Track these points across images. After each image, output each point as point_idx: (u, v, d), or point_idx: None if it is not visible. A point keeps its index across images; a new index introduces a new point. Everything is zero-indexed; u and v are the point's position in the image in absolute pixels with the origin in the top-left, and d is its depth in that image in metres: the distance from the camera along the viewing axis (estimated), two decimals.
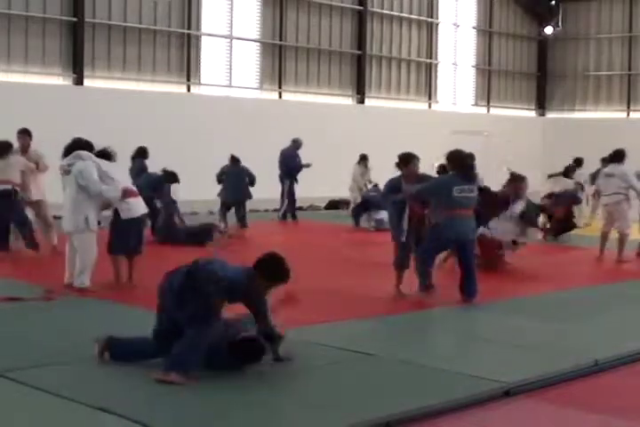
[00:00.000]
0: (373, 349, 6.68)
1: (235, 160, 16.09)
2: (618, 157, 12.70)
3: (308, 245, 14.56)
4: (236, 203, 15.68)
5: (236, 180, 15.84)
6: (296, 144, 18.64)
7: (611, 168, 12.79)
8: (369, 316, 7.94)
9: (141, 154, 16.22)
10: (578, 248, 14.30)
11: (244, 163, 23.62)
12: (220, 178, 16.07)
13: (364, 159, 19.89)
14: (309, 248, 14.07)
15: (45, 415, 5.07)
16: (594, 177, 17.80)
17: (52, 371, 5.90)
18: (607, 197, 12.79)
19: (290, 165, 18.36)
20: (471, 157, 9.29)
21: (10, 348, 6.54)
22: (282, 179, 18.45)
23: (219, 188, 16.45)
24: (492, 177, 29.68)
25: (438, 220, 8.91)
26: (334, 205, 22.25)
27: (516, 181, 11.94)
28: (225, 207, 15.88)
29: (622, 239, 12.70)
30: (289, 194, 18.39)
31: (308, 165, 18.40)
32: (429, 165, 28.75)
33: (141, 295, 8.82)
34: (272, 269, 5.99)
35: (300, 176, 19.03)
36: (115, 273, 9.38)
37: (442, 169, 12.15)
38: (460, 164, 9.08)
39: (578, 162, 18.08)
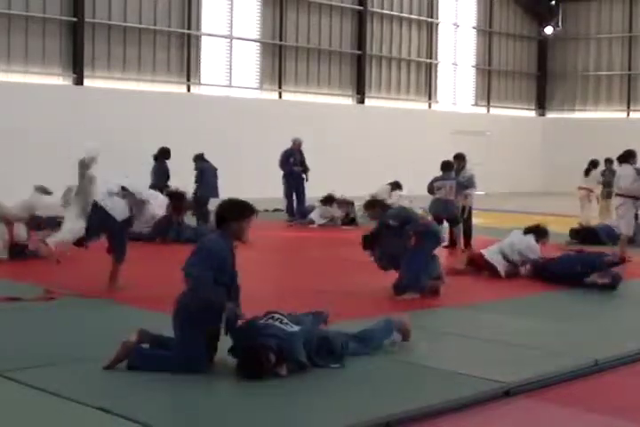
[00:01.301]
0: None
1: (203, 157, 16.22)
2: (630, 157, 12.81)
3: (305, 244, 14.57)
4: (207, 200, 15.71)
5: (214, 176, 16.20)
6: (293, 144, 18.57)
7: (621, 169, 12.91)
8: (368, 316, 7.92)
9: (163, 155, 16.26)
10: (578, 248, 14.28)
11: (244, 162, 23.79)
12: (201, 177, 16.07)
13: (397, 186, 19.72)
14: (307, 248, 14.08)
15: (45, 415, 5.06)
16: (603, 176, 17.89)
17: (52, 371, 5.90)
18: (617, 198, 12.94)
19: (281, 166, 18.36)
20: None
21: (10, 348, 6.54)
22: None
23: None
24: (492, 176, 29.80)
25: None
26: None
27: None
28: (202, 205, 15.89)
29: (622, 239, 12.77)
30: (284, 194, 18.40)
31: (298, 169, 18.29)
32: (428, 164, 28.81)
33: (141, 296, 8.83)
34: (235, 206, 6.21)
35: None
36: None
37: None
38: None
39: (594, 164, 18.08)
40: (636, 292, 10.23)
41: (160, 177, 16.18)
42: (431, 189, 13.69)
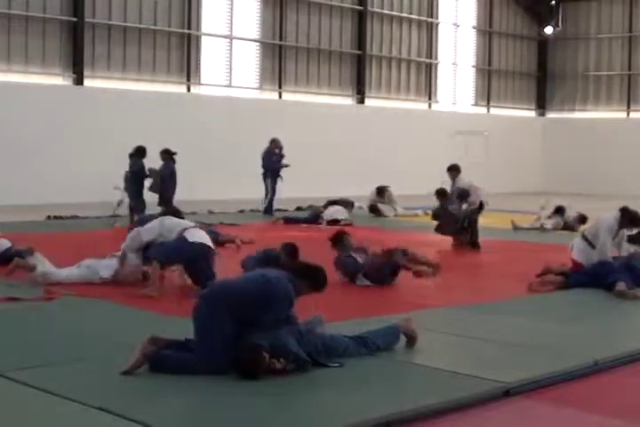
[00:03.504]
0: None
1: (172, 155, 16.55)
2: None
3: (304, 244, 14.54)
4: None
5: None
6: (274, 144, 19.22)
7: None
8: (368, 316, 7.93)
9: (140, 153, 16.24)
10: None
11: (244, 162, 23.73)
12: (171, 176, 16.51)
13: (381, 191, 20.10)
14: (306, 247, 14.06)
15: (45, 415, 5.06)
16: None
17: (52, 371, 5.89)
18: None
19: (266, 165, 19.01)
20: None
21: (10, 348, 6.54)
22: (264, 177, 19.08)
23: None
24: (492, 176, 29.74)
25: None
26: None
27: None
28: None
29: None
30: (272, 191, 18.98)
31: (286, 166, 19.01)
32: (429, 164, 28.85)
33: (141, 296, 8.82)
34: (321, 278, 6.27)
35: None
36: None
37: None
38: None
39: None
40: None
41: (135, 176, 16.33)
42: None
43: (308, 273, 6.22)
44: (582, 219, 16.43)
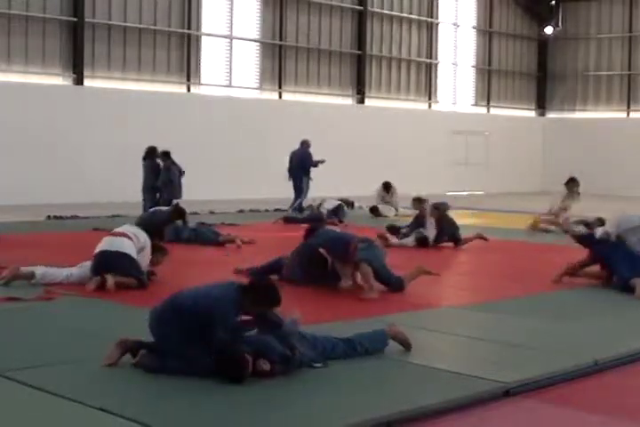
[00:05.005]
0: None
1: (169, 155, 16.80)
2: None
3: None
4: (171, 202, 16.03)
5: (179, 176, 17.00)
6: (305, 144, 19.62)
7: None
8: (368, 316, 7.93)
9: (152, 153, 16.44)
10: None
11: (243, 162, 23.69)
12: (170, 178, 16.72)
13: (387, 186, 20.24)
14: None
15: (45, 415, 5.06)
16: None
17: (52, 371, 5.89)
18: None
19: (301, 165, 19.34)
20: None
21: (10, 348, 6.54)
22: (301, 176, 19.34)
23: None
24: (492, 176, 29.70)
25: None
26: None
27: None
28: None
29: None
30: (306, 190, 19.39)
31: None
32: (428, 164, 28.78)
33: (141, 296, 8.82)
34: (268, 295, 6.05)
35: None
36: None
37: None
38: None
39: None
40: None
41: (149, 175, 16.76)
42: None
43: (256, 290, 6.04)
44: (601, 221, 15.98)
